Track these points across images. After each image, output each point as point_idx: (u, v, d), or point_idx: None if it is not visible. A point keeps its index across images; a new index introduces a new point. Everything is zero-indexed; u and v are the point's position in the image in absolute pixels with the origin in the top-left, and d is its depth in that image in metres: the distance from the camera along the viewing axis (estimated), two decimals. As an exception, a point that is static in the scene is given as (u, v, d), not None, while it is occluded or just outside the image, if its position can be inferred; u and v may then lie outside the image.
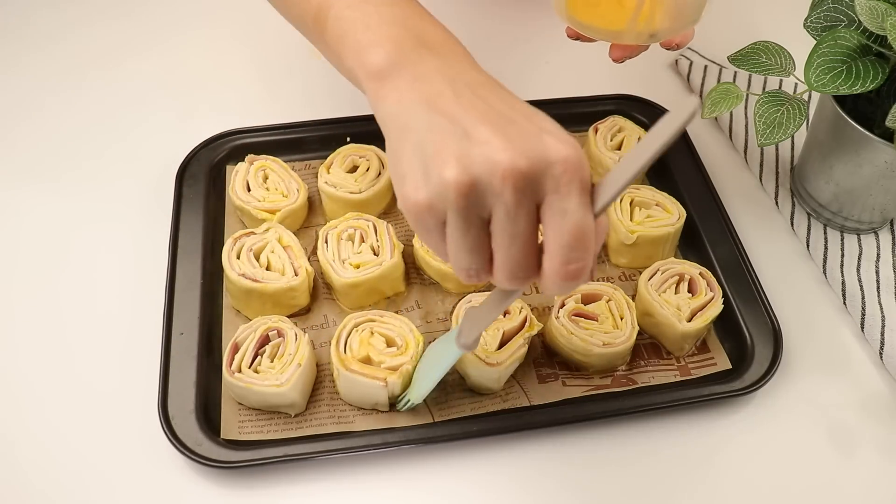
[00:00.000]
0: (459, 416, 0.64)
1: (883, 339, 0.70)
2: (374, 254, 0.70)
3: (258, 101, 0.89)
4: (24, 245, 0.76)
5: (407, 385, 0.63)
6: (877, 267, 0.75)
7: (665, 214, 0.74)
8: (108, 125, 0.87)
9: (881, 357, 0.70)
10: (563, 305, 0.67)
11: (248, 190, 0.75)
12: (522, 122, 0.45)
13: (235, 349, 0.64)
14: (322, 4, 0.56)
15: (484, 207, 0.44)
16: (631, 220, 0.73)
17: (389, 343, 0.65)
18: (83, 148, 0.85)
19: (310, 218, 0.78)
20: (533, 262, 0.46)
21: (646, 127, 0.83)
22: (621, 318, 0.67)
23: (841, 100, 0.71)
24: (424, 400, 0.64)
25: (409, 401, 0.63)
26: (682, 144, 0.83)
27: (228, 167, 0.80)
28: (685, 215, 0.74)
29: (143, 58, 0.94)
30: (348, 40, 0.54)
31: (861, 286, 0.73)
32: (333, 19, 0.55)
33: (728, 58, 0.72)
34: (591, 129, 0.81)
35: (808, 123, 0.82)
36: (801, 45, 0.69)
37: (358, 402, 0.64)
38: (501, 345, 0.65)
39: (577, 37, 0.67)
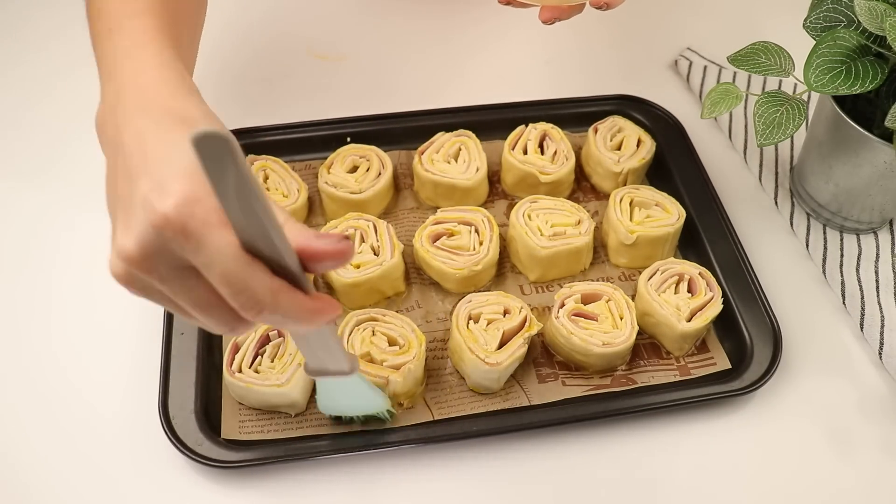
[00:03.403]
0: (459, 416, 0.64)
1: (882, 339, 0.70)
2: (375, 254, 0.70)
3: (258, 101, 0.89)
4: (23, 244, 0.76)
5: (408, 384, 0.64)
6: (876, 267, 0.75)
7: (665, 214, 0.74)
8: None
9: (880, 357, 0.70)
10: (562, 305, 0.67)
11: (249, 190, 0.75)
12: (137, 188, 0.43)
13: (236, 349, 0.64)
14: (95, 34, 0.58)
15: (147, 282, 0.44)
16: (630, 220, 0.73)
17: (391, 342, 0.65)
18: (83, 148, 0.84)
19: (310, 218, 0.78)
20: (225, 312, 0.44)
21: (646, 127, 0.83)
22: (621, 318, 0.67)
23: (840, 100, 0.71)
24: (425, 400, 0.65)
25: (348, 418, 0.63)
26: (682, 144, 0.83)
27: (228, 167, 0.80)
28: (685, 215, 0.74)
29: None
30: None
31: (860, 286, 0.73)
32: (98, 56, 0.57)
33: (728, 58, 0.72)
34: (591, 129, 0.81)
35: (807, 124, 0.82)
36: (800, 46, 0.69)
37: (358, 402, 0.65)
38: (501, 345, 0.65)
39: (507, 2, 0.67)
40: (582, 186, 0.82)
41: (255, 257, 0.41)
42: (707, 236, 0.75)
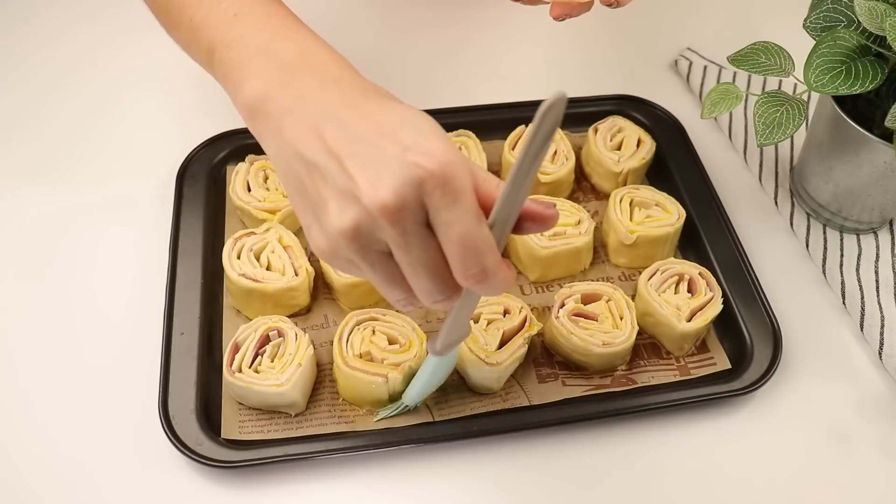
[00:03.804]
0: (459, 416, 0.64)
1: (882, 339, 0.70)
2: (375, 254, 0.70)
3: (258, 101, 0.89)
4: (23, 245, 0.76)
5: (407, 383, 0.64)
6: (876, 267, 0.75)
7: (665, 214, 0.74)
8: (108, 125, 0.87)
9: (880, 357, 0.70)
10: (562, 305, 0.67)
11: (249, 190, 0.75)
12: (385, 144, 0.44)
13: (236, 349, 0.64)
14: (209, 48, 0.56)
15: (378, 243, 0.45)
16: (630, 220, 0.74)
17: (391, 341, 0.65)
18: (83, 148, 0.85)
19: (310, 218, 0.78)
20: (446, 280, 0.45)
21: (646, 127, 0.83)
22: (621, 318, 0.67)
23: (840, 100, 0.71)
24: (425, 400, 0.65)
25: (403, 405, 0.63)
26: (682, 144, 0.83)
27: (229, 167, 0.80)
28: (685, 215, 0.74)
29: (144, 57, 0.94)
30: (228, 82, 0.54)
31: (860, 286, 0.73)
32: (218, 62, 0.55)
33: (728, 58, 0.72)
34: (591, 129, 0.81)
35: (807, 124, 0.82)
36: (800, 46, 0.69)
37: (358, 400, 0.64)
38: (501, 345, 0.65)
39: None
40: (582, 186, 0.82)
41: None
42: (707, 236, 0.75)
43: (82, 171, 0.82)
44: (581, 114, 0.84)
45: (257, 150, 0.78)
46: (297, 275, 0.68)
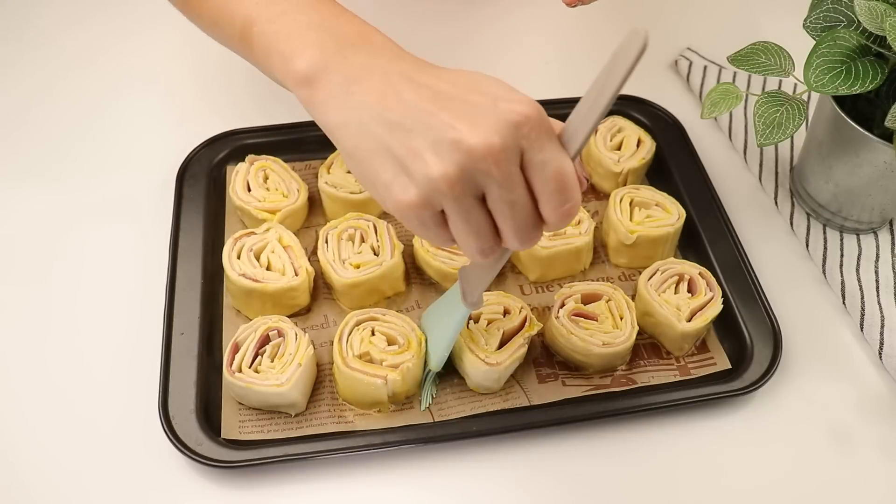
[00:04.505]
0: (459, 416, 0.64)
1: (882, 339, 0.70)
2: (375, 254, 0.70)
3: (258, 101, 0.89)
4: (23, 245, 0.76)
5: (407, 383, 0.64)
6: (876, 267, 0.75)
7: (665, 214, 0.74)
8: (108, 125, 0.87)
9: (880, 357, 0.70)
10: (562, 305, 0.67)
11: (249, 190, 0.75)
12: (473, 96, 0.46)
13: (236, 349, 0.64)
14: (245, 23, 0.57)
15: (476, 188, 0.46)
16: (630, 220, 0.74)
17: (391, 342, 0.65)
18: (83, 148, 0.85)
19: (310, 218, 0.78)
20: (535, 219, 0.48)
21: (646, 127, 0.83)
22: (621, 318, 0.67)
23: (840, 100, 0.71)
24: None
25: (429, 371, 0.64)
26: (682, 144, 0.83)
27: (229, 167, 0.80)
28: (685, 215, 0.74)
29: (144, 57, 0.94)
30: (273, 54, 0.54)
31: (860, 286, 0.73)
32: (257, 35, 0.56)
33: (728, 58, 0.72)
34: (590, 130, 0.81)
35: (807, 124, 0.82)
36: (800, 46, 0.69)
37: (357, 401, 0.64)
38: (501, 345, 0.65)
39: None
40: (582, 186, 0.82)
41: None
42: (707, 236, 0.75)
43: (82, 171, 0.82)
44: (581, 114, 0.84)
45: (257, 150, 0.79)
46: (297, 275, 0.68)
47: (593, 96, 0.46)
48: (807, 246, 0.78)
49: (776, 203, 0.82)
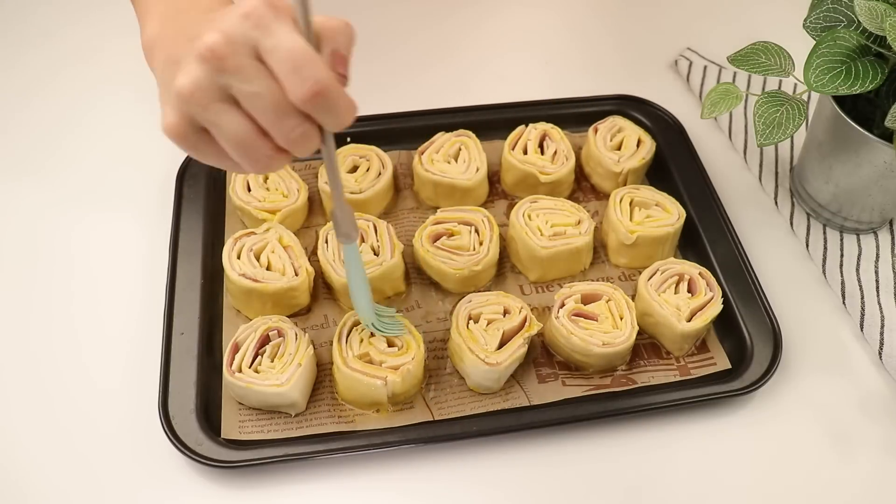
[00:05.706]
0: (459, 416, 0.64)
1: (882, 339, 0.70)
2: (375, 254, 0.70)
3: (258, 101, 0.89)
4: (23, 245, 0.76)
5: (407, 385, 0.64)
6: (876, 267, 0.75)
7: (665, 214, 0.74)
8: (108, 125, 0.87)
9: (880, 357, 0.70)
10: (562, 305, 0.67)
11: (249, 190, 0.75)
12: (221, 15, 0.48)
13: (236, 349, 0.64)
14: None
15: (221, 92, 0.47)
16: (630, 220, 0.74)
17: (390, 343, 0.65)
18: (83, 148, 0.85)
19: (310, 218, 0.78)
20: (287, 106, 0.47)
21: (646, 127, 0.83)
22: (621, 318, 0.67)
23: (840, 100, 0.71)
24: (425, 400, 0.65)
25: (371, 325, 0.64)
26: (682, 144, 0.83)
27: (229, 167, 0.80)
28: (685, 215, 0.74)
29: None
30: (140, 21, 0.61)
31: (860, 286, 0.73)
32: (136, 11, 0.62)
33: (728, 58, 0.72)
34: (591, 129, 0.81)
35: (807, 124, 0.82)
36: (800, 46, 0.69)
37: (357, 401, 0.64)
38: (501, 345, 0.65)
39: None
40: (582, 186, 0.82)
41: None
42: (707, 236, 0.75)
43: (82, 170, 0.82)
44: (581, 114, 0.85)
45: (257, 150, 0.78)
46: (297, 275, 0.68)
47: None
48: (807, 246, 0.78)
49: (776, 203, 0.82)
